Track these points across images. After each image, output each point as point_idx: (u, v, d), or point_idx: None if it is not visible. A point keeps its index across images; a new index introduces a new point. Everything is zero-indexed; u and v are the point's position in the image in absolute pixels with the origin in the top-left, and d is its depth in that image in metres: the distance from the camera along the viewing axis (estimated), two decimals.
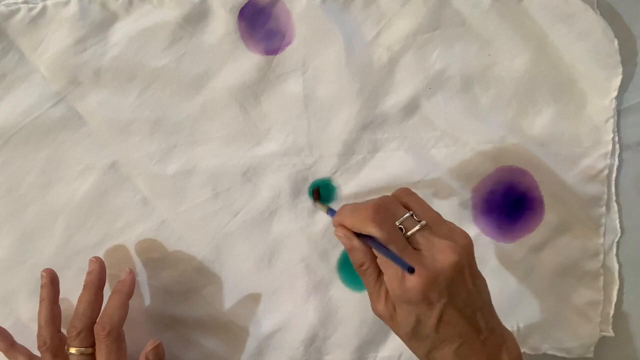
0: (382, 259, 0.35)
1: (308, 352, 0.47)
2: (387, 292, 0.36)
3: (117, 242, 0.46)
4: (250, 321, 0.47)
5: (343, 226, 0.36)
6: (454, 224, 0.36)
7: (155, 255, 0.46)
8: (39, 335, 0.42)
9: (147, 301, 0.46)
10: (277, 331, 0.47)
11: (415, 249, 0.35)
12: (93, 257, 0.44)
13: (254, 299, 0.47)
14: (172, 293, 0.46)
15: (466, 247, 0.35)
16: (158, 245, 0.46)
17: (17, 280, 0.45)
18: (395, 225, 0.35)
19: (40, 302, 0.42)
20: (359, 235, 0.36)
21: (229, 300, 0.47)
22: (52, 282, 0.42)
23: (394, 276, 0.34)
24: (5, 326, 0.45)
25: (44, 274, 0.42)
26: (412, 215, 0.36)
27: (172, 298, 0.46)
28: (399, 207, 0.36)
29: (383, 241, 0.34)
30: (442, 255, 0.34)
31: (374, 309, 0.37)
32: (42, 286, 0.42)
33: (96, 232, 0.45)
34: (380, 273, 0.36)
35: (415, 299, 0.33)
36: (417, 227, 0.35)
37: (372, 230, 0.34)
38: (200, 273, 0.46)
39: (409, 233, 0.35)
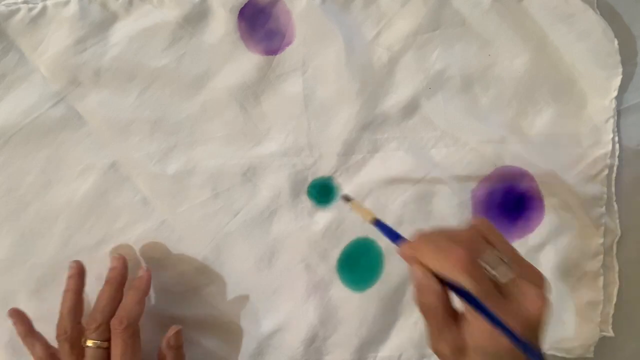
0: (467, 306, 0.32)
1: (308, 352, 0.47)
2: (455, 333, 0.32)
3: (117, 242, 0.46)
4: (250, 321, 0.47)
5: (418, 261, 0.32)
6: (530, 263, 0.33)
7: (155, 256, 0.46)
8: (59, 325, 0.42)
9: (147, 301, 0.46)
10: (277, 331, 0.47)
11: (500, 292, 0.32)
12: (116, 254, 0.44)
13: (254, 299, 0.47)
14: (172, 293, 0.46)
15: (547, 289, 0.32)
16: (158, 246, 0.46)
17: (17, 280, 0.45)
18: (483, 272, 0.31)
19: (66, 292, 0.42)
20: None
21: (229, 300, 0.47)
22: (79, 273, 0.43)
23: (484, 328, 0.31)
24: (5, 326, 0.45)
25: (73, 265, 0.43)
26: (496, 254, 0.32)
27: (172, 298, 0.46)
28: (480, 242, 0.33)
29: (478, 296, 0.30)
30: (532, 303, 0.31)
31: (434, 347, 0.34)
32: (69, 277, 0.43)
33: (96, 232, 0.45)
34: (447, 315, 0.32)
35: (506, 356, 0.31)
36: (511, 276, 0.32)
37: (466, 282, 0.30)
38: (201, 273, 0.46)
39: (503, 281, 0.31)
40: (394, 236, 0.35)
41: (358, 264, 0.46)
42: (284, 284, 0.47)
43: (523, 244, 0.47)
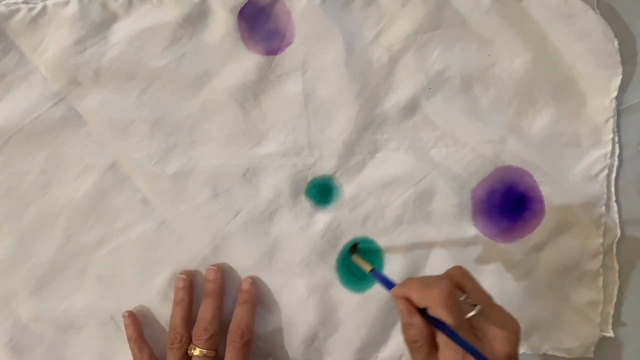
0: (443, 338, 0.34)
1: (308, 352, 0.47)
2: None
3: (117, 242, 0.46)
4: None
5: (405, 299, 0.35)
6: (503, 308, 0.36)
7: (155, 255, 0.46)
8: (172, 334, 0.44)
9: (147, 301, 0.46)
10: (277, 331, 0.47)
11: (472, 333, 0.35)
12: (213, 266, 0.46)
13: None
14: (172, 293, 0.46)
15: (517, 336, 0.35)
16: (158, 246, 0.46)
17: (17, 280, 0.45)
18: (462, 309, 0.34)
19: (179, 302, 0.45)
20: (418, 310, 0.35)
21: (229, 300, 0.47)
22: (190, 286, 0.45)
23: (454, 358, 0.34)
24: (5, 326, 0.45)
25: (184, 278, 0.45)
26: (466, 298, 0.35)
27: (173, 298, 0.46)
28: (455, 288, 0.36)
29: (453, 327, 0.33)
30: (499, 345, 0.34)
31: None
32: (182, 288, 0.45)
33: (96, 232, 0.45)
34: (431, 349, 0.35)
35: None
36: (473, 313, 0.35)
37: (445, 315, 0.33)
38: (201, 273, 0.46)
39: (467, 316, 0.34)
40: (388, 285, 0.39)
41: (358, 268, 0.46)
42: (284, 284, 0.47)
43: (523, 244, 0.47)
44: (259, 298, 0.46)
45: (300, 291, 0.47)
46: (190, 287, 0.45)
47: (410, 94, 0.45)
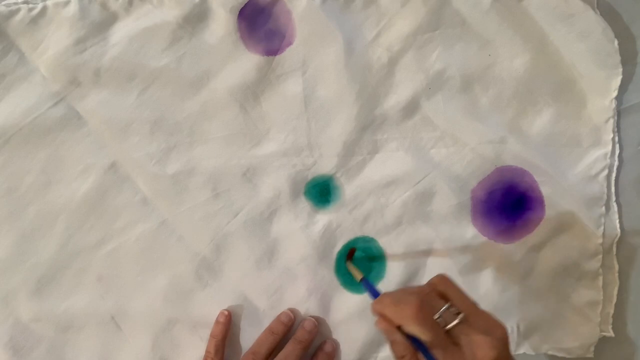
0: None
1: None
2: None
3: (117, 242, 0.46)
4: (250, 321, 0.47)
5: (384, 317, 0.36)
6: (489, 314, 0.36)
7: (155, 255, 0.46)
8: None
9: (147, 301, 0.46)
10: None
11: (454, 343, 0.34)
12: (288, 312, 0.46)
13: (254, 299, 0.47)
14: (172, 293, 0.46)
15: (503, 340, 0.35)
16: (158, 245, 0.46)
17: (17, 280, 0.45)
18: (437, 323, 0.34)
19: (214, 337, 0.46)
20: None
21: (229, 300, 0.47)
22: (229, 323, 0.46)
23: None
24: (5, 326, 0.45)
25: (226, 313, 0.46)
26: (449, 307, 0.35)
27: (172, 298, 0.46)
28: (436, 298, 0.36)
29: (427, 343, 0.34)
30: (481, 352, 0.34)
31: None
32: (221, 323, 0.46)
33: (96, 232, 0.45)
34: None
35: None
36: (455, 322, 0.34)
37: (417, 331, 0.34)
38: (200, 273, 0.46)
39: (447, 327, 0.34)
40: (375, 296, 0.39)
41: (358, 267, 0.46)
42: (284, 284, 0.47)
43: (523, 244, 0.47)
44: (314, 338, 0.46)
45: (300, 291, 0.47)
46: (228, 324, 0.46)
47: (410, 94, 0.45)
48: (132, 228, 0.46)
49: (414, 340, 0.34)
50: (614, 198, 0.47)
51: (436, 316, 0.34)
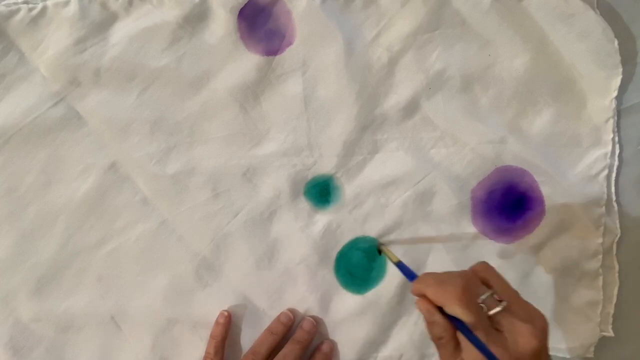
0: (464, 337, 0.34)
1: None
2: None
3: (117, 242, 0.46)
4: (250, 321, 0.47)
5: (424, 296, 0.35)
6: (531, 304, 0.36)
7: (155, 255, 0.46)
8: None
9: (147, 301, 0.46)
10: None
11: (496, 329, 0.34)
12: (288, 312, 0.46)
13: (255, 299, 0.47)
14: (172, 293, 0.46)
15: (544, 330, 0.35)
16: (158, 245, 0.46)
17: (17, 280, 0.45)
18: (480, 307, 0.34)
19: (214, 337, 0.45)
20: (440, 308, 0.35)
21: (229, 300, 0.47)
22: (229, 323, 0.46)
23: (477, 357, 0.33)
24: (5, 326, 0.45)
25: (225, 314, 0.46)
26: (492, 294, 0.35)
27: (172, 298, 0.46)
28: (479, 284, 0.36)
29: (470, 325, 0.33)
30: (523, 339, 0.33)
31: None
32: (221, 324, 0.46)
33: (96, 232, 0.45)
34: (457, 345, 0.35)
35: None
36: (499, 308, 0.34)
37: (460, 312, 0.33)
38: (200, 273, 0.46)
39: (490, 313, 0.34)
40: (410, 276, 0.39)
41: (358, 267, 0.46)
42: (285, 284, 0.47)
43: (523, 244, 0.47)
44: (313, 338, 0.46)
45: (300, 291, 0.47)
46: (228, 324, 0.46)
47: (410, 94, 0.45)
48: (132, 228, 0.46)
49: (456, 323, 0.34)
50: (614, 198, 0.47)
51: (479, 301, 0.34)
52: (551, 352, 0.48)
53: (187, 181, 0.45)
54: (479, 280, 0.36)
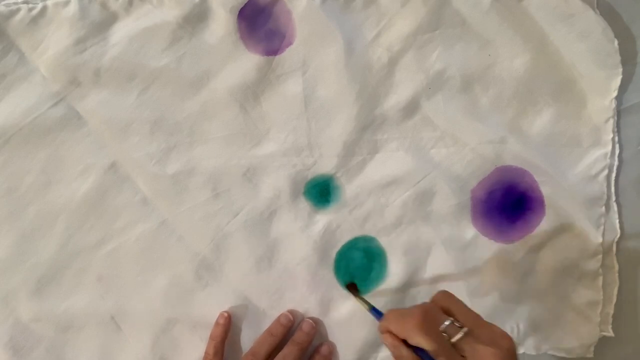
0: None
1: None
2: None
3: (117, 242, 0.46)
4: (250, 321, 0.47)
5: (390, 332, 0.36)
6: (495, 326, 0.36)
7: (155, 255, 0.46)
8: None
9: (147, 301, 0.46)
10: None
11: (462, 355, 0.34)
12: (287, 314, 0.46)
13: (255, 299, 0.47)
14: (172, 293, 0.46)
15: (510, 350, 0.35)
16: (158, 245, 0.46)
17: (17, 280, 0.45)
18: (442, 335, 0.34)
19: (213, 338, 0.45)
20: (406, 342, 0.35)
21: (229, 300, 0.47)
22: (229, 324, 0.46)
23: None
24: (5, 326, 0.45)
25: (225, 315, 0.46)
26: (452, 322, 0.35)
27: (172, 298, 0.46)
28: (440, 313, 0.36)
29: (432, 353, 0.34)
30: None
31: None
32: (221, 325, 0.46)
33: (96, 232, 0.45)
34: None
35: None
36: (460, 335, 0.34)
37: (421, 341, 0.34)
38: (200, 273, 0.46)
39: (452, 340, 0.34)
40: (375, 312, 0.41)
41: (358, 267, 0.46)
42: (285, 284, 0.47)
43: (523, 244, 0.47)
44: (312, 339, 0.46)
45: (300, 291, 0.47)
46: (228, 325, 0.46)
47: (410, 94, 0.45)
48: (132, 228, 0.46)
49: (420, 353, 0.34)
50: (614, 198, 0.47)
51: (440, 329, 0.34)
52: (551, 352, 0.48)
53: (187, 181, 0.45)
54: (440, 310, 0.36)
